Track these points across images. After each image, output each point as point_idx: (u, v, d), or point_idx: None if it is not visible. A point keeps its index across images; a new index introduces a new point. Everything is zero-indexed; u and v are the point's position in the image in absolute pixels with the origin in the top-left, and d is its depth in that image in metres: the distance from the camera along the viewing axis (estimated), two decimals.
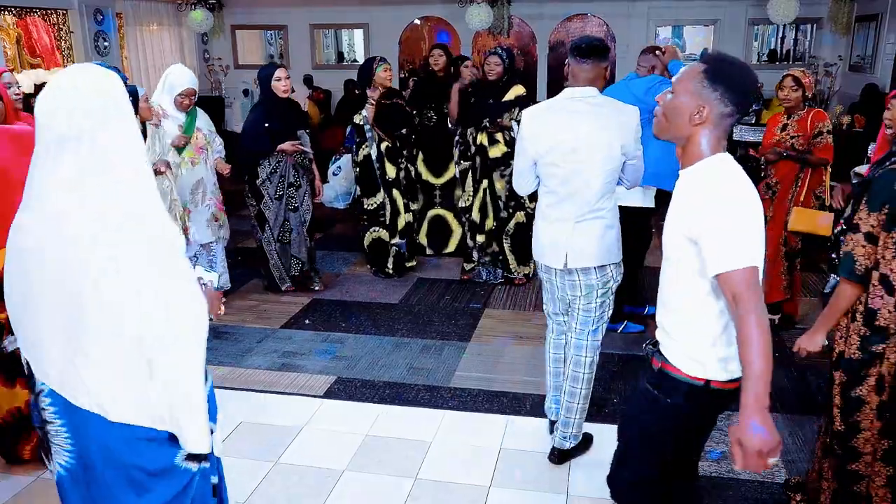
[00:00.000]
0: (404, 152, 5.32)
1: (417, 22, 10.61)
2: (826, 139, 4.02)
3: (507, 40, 10.09)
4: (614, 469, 2.10)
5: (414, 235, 5.73)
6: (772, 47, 10.60)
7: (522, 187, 2.90)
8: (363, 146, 5.15)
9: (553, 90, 9.18)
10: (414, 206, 5.57)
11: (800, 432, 3.20)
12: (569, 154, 2.67)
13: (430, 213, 5.82)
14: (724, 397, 1.84)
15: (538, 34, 9.67)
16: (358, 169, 5.23)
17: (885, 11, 7.45)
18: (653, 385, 1.90)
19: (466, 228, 5.26)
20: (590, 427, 3.10)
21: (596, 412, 3.27)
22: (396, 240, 5.34)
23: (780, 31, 10.34)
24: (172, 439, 1.59)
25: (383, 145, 5.14)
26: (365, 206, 5.26)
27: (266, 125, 4.62)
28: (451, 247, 5.86)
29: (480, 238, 5.14)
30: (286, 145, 4.68)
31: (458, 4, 8.87)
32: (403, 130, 5.27)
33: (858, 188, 2.37)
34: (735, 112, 1.76)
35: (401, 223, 5.35)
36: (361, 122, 5.10)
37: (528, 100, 4.96)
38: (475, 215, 5.12)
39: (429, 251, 5.88)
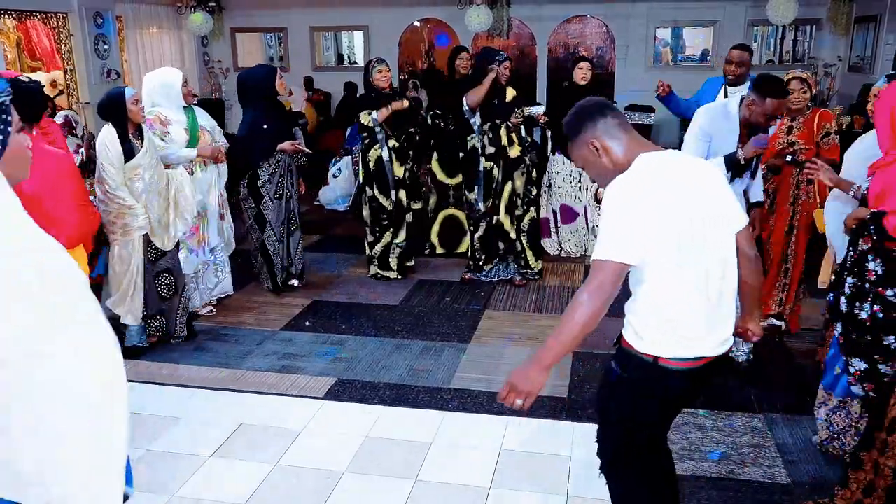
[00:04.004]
0: (410, 152, 5.28)
1: (417, 24, 10.62)
2: (833, 140, 3.93)
3: (506, 42, 10.11)
4: (598, 444, 2.18)
5: (424, 237, 5.74)
6: (769, 48, 10.59)
7: None
8: (374, 147, 5.06)
9: (553, 90, 9.19)
10: (416, 206, 5.49)
11: (800, 432, 3.20)
12: None
13: (444, 212, 5.79)
14: (678, 375, 1.90)
15: (537, 36, 9.68)
16: (373, 169, 5.10)
17: (885, 12, 7.45)
18: (615, 360, 2.01)
19: (482, 231, 5.11)
20: (588, 427, 3.09)
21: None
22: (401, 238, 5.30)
23: (780, 32, 10.33)
24: None
25: (390, 143, 5.08)
26: (382, 204, 5.17)
27: (264, 126, 4.64)
28: (464, 247, 5.71)
29: (512, 234, 5.09)
30: (286, 145, 4.73)
31: (457, 6, 8.88)
32: (410, 129, 5.26)
33: None
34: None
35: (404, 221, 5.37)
36: (371, 124, 4.98)
37: (521, 100, 5.02)
38: (503, 218, 5.05)
39: (440, 250, 5.87)
